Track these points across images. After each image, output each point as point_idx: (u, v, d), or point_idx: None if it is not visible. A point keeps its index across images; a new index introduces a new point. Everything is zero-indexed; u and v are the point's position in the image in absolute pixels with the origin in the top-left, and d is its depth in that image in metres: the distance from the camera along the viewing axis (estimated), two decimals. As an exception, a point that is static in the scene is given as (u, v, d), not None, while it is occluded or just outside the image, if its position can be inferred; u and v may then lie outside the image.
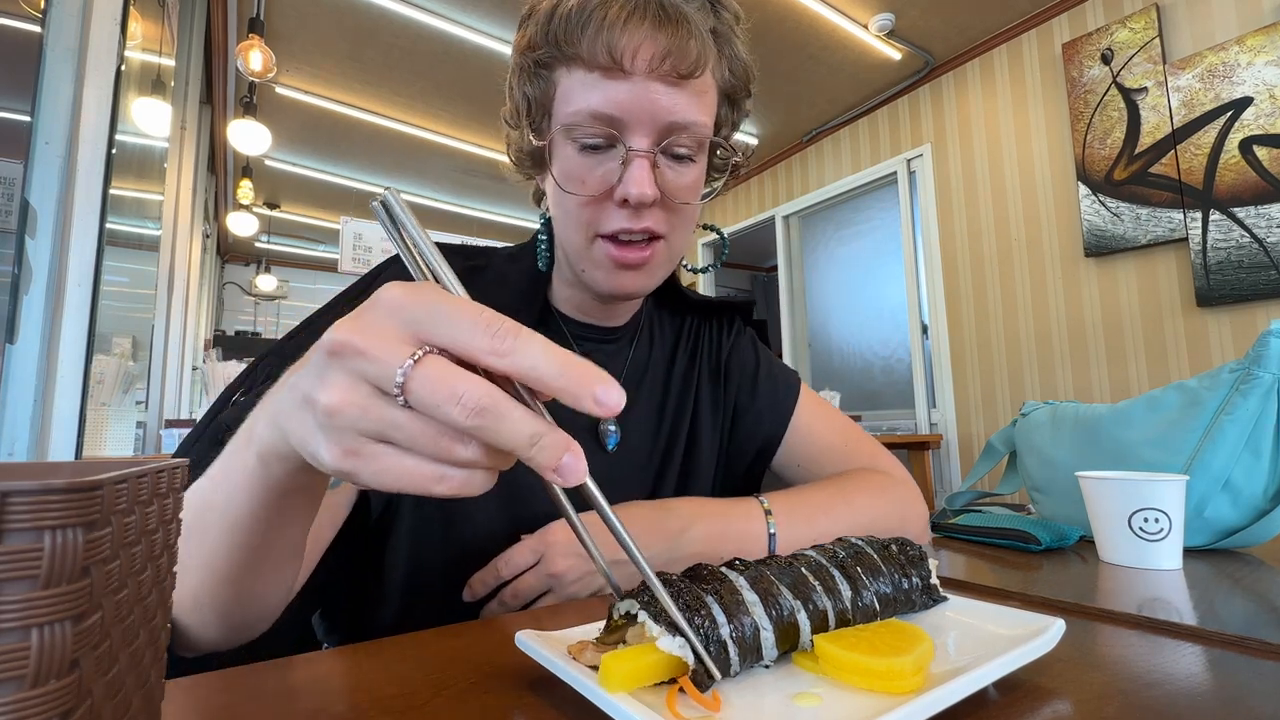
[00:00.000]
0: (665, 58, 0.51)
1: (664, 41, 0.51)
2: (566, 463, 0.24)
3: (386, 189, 0.29)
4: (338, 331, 0.25)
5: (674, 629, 0.28)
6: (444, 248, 0.61)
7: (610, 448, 0.63)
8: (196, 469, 0.36)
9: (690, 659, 0.28)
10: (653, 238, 0.56)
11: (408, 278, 0.29)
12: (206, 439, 0.48)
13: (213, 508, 0.33)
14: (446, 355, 0.24)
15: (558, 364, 0.24)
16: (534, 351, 0.24)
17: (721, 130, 0.60)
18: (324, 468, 0.25)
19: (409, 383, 0.23)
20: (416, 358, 0.23)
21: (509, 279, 0.63)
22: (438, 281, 0.29)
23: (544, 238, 0.63)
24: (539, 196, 0.66)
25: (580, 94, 0.52)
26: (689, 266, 0.71)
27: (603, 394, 0.24)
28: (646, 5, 0.51)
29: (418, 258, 0.29)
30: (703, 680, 0.28)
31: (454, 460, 0.24)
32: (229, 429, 0.37)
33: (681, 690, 0.28)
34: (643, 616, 0.30)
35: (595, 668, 0.29)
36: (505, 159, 0.66)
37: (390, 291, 0.25)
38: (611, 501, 0.56)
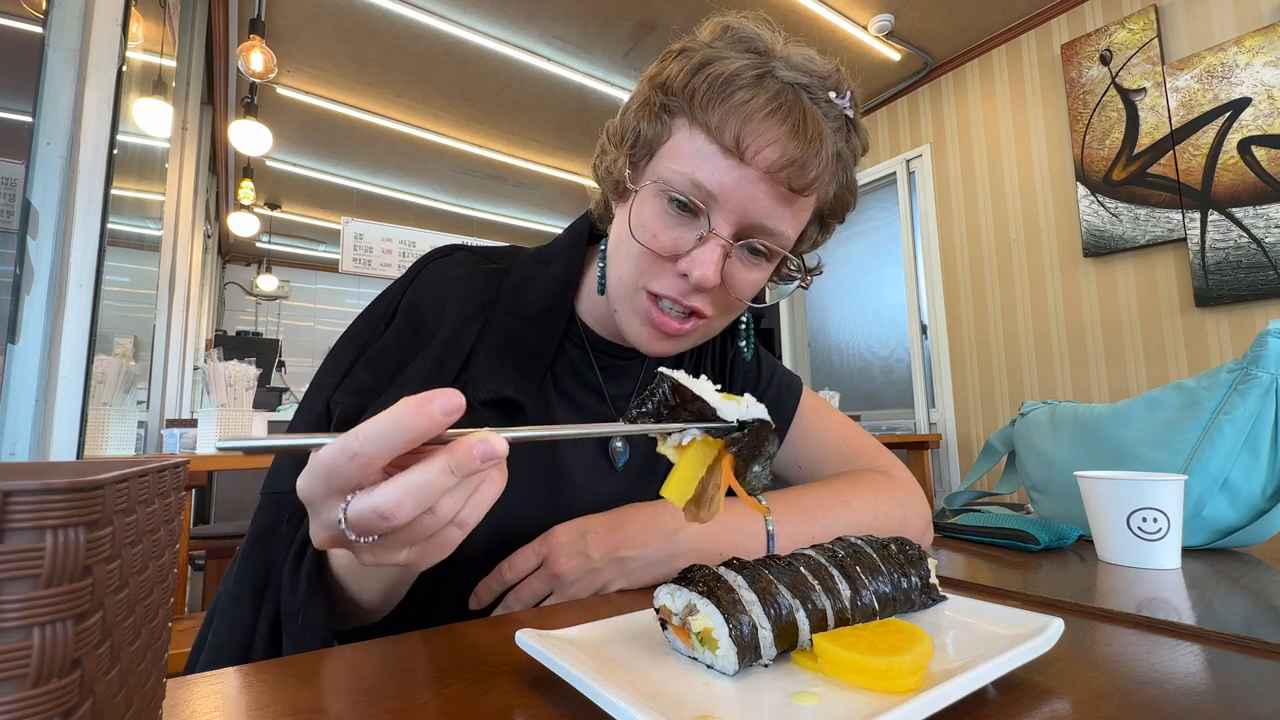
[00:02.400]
0: (785, 167, 0.50)
1: (791, 152, 0.50)
2: (482, 452, 0.29)
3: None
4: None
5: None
6: (467, 247, 0.64)
7: (620, 466, 0.63)
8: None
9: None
10: (695, 314, 0.55)
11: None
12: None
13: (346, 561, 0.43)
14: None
15: (393, 423, 0.28)
16: (378, 436, 0.28)
17: (801, 246, 0.60)
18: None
19: (350, 528, 0.29)
20: (344, 508, 0.29)
21: (536, 284, 0.63)
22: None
23: (604, 263, 0.61)
24: (602, 211, 0.65)
25: (690, 157, 0.52)
26: (744, 347, 0.69)
27: (440, 406, 0.28)
28: (791, 109, 0.50)
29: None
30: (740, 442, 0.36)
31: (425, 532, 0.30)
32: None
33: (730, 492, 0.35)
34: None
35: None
36: (504, 158, 0.66)
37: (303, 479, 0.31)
38: (621, 504, 0.58)
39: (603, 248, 0.62)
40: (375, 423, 0.28)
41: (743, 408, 0.37)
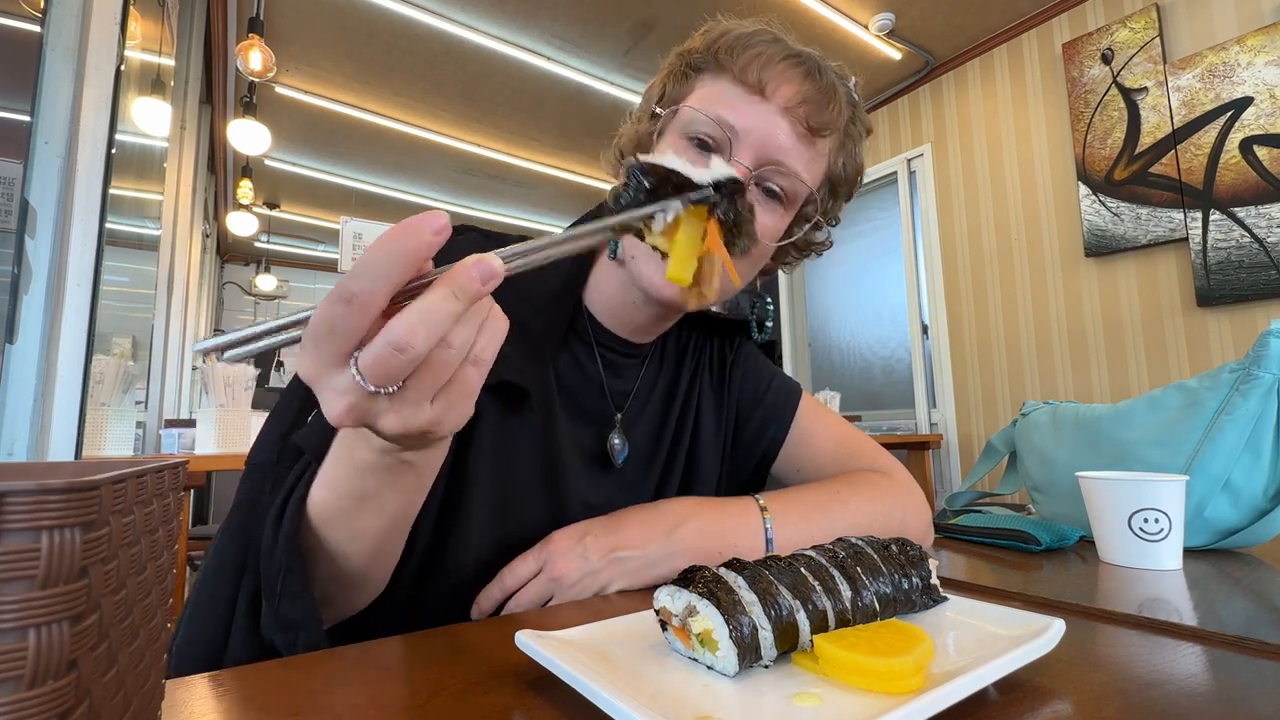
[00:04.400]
0: (803, 103, 0.55)
1: (808, 90, 0.55)
2: (480, 272, 0.29)
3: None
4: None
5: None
6: (479, 230, 0.64)
7: (619, 463, 0.63)
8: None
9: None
10: None
11: None
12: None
13: (345, 495, 0.40)
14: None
15: (383, 250, 0.28)
16: (371, 268, 0.28)
17: (812, 205, 0.62)
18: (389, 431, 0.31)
19: (369, 377, 0.28)
20: (356, 362, 0.28)
21: (544, 271, 0.62)
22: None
23: None
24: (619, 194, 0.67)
25: (714, 98, 0.56)
26: (758, 338, 0.70)
27: (428, 224, 0.28)
28: (806, 60, 0.57)
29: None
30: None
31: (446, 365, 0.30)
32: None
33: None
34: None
35: None
36: (504, 158, 0.67)
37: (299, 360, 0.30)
38: (617, 504, 0.59)
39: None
40: (365, 258, 0.28)
41: (711, 171, 0.39)
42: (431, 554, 0.53)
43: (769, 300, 0.69)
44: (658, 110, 0.60)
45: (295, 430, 0.49)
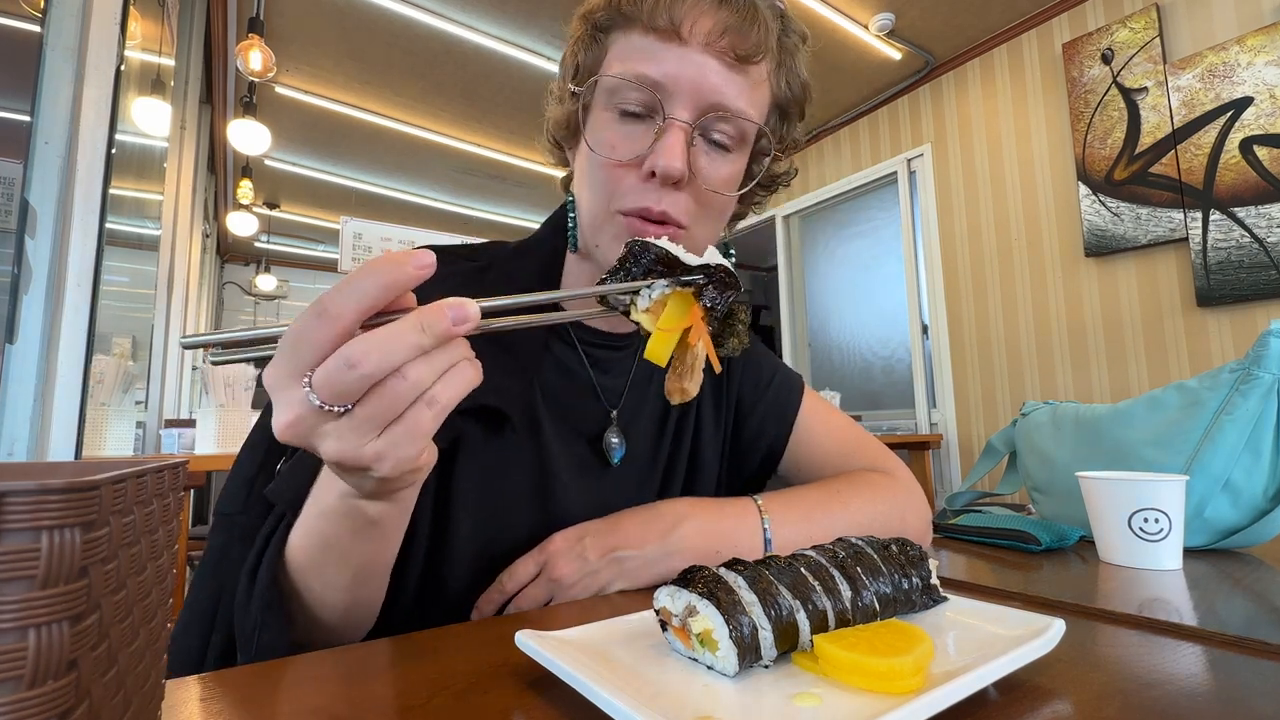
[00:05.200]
0: (724, 34, 0.50)
1: (726, 18, 0.50)
2: (454, 315, 0.29)
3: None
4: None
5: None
6: (441, 248, 0.60)
7: (616, 462, 0.61)
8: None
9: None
10: (669, 223, 0.52)
11: None
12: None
13: (313, 542, 0.40)
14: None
15: (364, 274, 0.28)
16: (348, 288, 0.28)
17: (762, 141, 0.58)
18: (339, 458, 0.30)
19: (317, 389, 0.29)
20: (310, 377, 0.29)
21: (516, 279, 0.60)
22: None
23: (574, 215, 0.60)
24: (568, 182, 0.63)
25: (630, 56, 0.51)
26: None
27: (414, 260, 0.28)
28: None
29: None
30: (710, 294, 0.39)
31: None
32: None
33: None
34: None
35: None
36: (504, 158, 0.65)
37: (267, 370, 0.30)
38: (616, 507, 0.57)
39: (571, 214, 0.60)
40: (346, 279, 0.28)
41: (704, 259, 0.39)
42: (424, 580, 0.52)
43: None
44: (574, 89, 0.55)
45: (260, 476, 0.48)
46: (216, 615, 0.45)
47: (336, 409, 0.29)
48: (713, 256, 0.40)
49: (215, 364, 0.31)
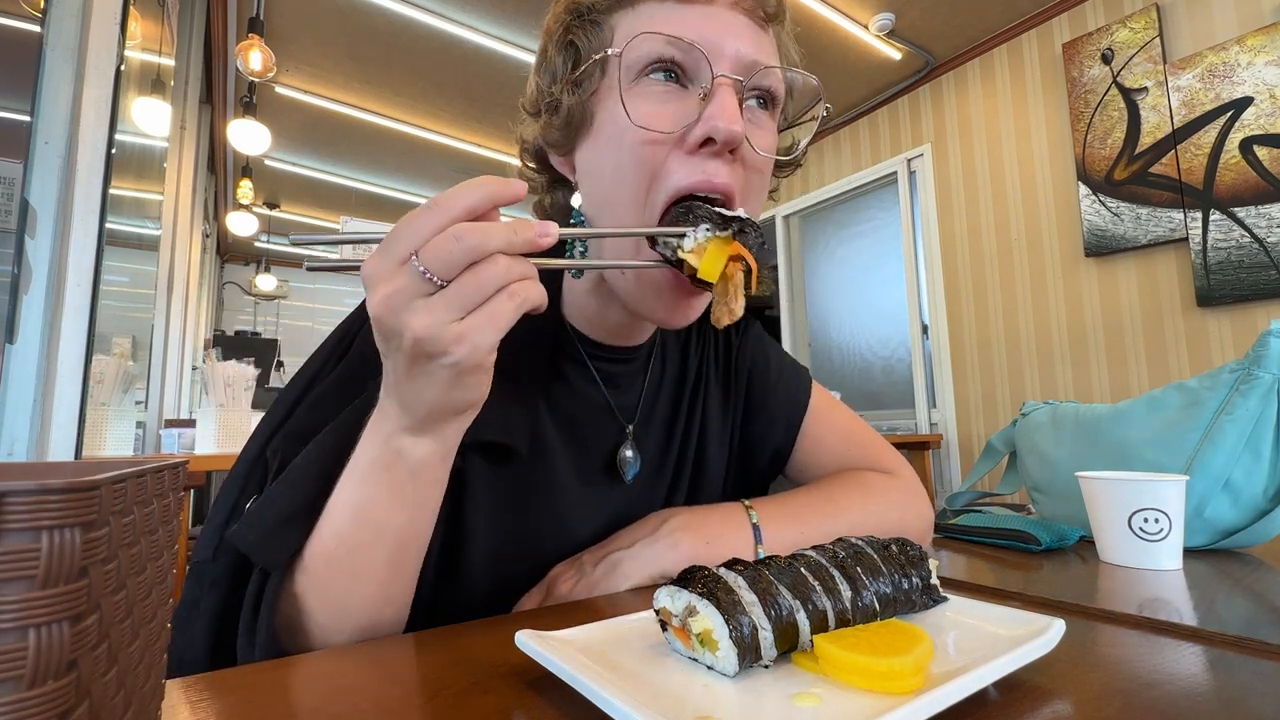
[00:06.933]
0: None
1: None
2: (539, 230, 0.34)
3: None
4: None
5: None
6: None
7: (629, 479, 0.60)
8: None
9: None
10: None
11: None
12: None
13: (346, 516, 0.41)
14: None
15: (476, 182, 0.33)
16: (460, 189, 0.33)
17: (820, 102, 0.55)
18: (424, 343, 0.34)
19: (423, 257, 0.33)
20: (417, 252, 0.33)
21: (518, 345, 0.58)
22: None
23: (583, 246, 0.54)
24: (544, 207, 0.60)
25: (653, 23, 0.46)
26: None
27: (518, 186, 0.34)
28: None
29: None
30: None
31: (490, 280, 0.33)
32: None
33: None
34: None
35: None
36: (504, 158, 0.64)
37: (369, 266, 0.34)
38: (627, 522, 0.58)
39: (572, 220, 0.56)
40: (458, 186, 0.33)
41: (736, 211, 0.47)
42: (433, 615, 0.51)
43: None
44: (577, 78, 0.49)
45: (232, 520, 0.46)
46: (185, 658, 0.44)
47: (437, 280, 0.32)
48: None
49: (310, 270, 0.35)
